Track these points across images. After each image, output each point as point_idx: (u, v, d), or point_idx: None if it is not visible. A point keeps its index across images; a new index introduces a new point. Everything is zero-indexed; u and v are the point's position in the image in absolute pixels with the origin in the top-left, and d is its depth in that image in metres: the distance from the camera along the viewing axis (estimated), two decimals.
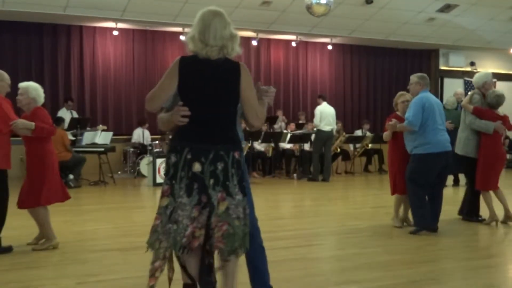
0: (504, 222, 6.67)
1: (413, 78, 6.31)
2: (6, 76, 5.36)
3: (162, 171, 10.85)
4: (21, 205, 5.30)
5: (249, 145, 12.21)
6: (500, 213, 6.66)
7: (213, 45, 3.08)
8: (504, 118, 6.65)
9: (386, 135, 6.52)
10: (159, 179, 10.77)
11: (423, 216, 5.98)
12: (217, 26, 3.10)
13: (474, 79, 6.94)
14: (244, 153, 9.22)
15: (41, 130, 5.14)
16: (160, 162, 10.82)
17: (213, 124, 3.12)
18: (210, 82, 3.10)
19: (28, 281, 4.22)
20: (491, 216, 6.62)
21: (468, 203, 6.90)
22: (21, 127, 5.05)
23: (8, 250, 5.16)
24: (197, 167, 3.05)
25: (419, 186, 5.98)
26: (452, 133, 7.13)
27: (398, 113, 6.51)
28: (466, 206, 6.95)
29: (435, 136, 5.98)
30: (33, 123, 5.10)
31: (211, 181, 3.06)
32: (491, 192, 6.66)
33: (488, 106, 6.65)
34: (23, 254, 5.08)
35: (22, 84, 5.41)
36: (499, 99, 6.62)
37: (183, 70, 3.09)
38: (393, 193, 6.49)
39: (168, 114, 3.19)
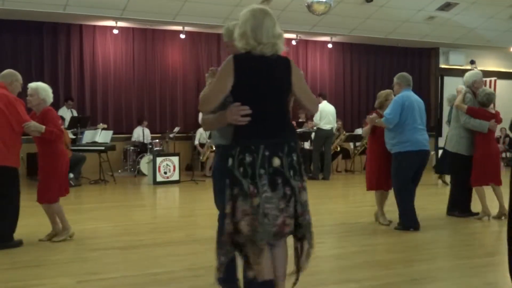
0: (498, 217, 6.77)
1: (395, 78, 6.45)
2: (19, 76, 5.56)
3: (163, 170, 10.86)
4: (38, 200, 5.55)
5: None
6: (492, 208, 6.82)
7: (266, 43, 3.12)
8: (495, 115, 6.76)
9: (365, 130, 6.66)
10: (159, 178, 10.78)
11: (409, 215, 6.08)
12: (268, 25, 3.14)
13: (464, 78, 7.05)
14: None
15: (50, 134, 5.34)
16: (160, 161, 10.82)
17: (276, 119, 3.18)
18: (267, 78, 3.15)
19: (28, 280, 4.22)
20: (484, 210, 6.72)
21: (452, 198, 7.01)
22: (32, 129, 5.25)
23: (18, 244, 5.30)
24: (276, 162, 3.08)
25: (402, 184, 6.09)
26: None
27: (379, 111, 6.60)
28: (449, 202, 7.07)
29: (414, 135, 6.07)
30: (43, 127, 5.29)
31: (291, 172, 3.12)
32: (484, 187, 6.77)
33: (479, 104, 6.75)
34: (23, 253, 5.09)
35: (32, 85, 5.56)
36: (490, 97, 6.75)
37: (238, 68, 3.10)
38: (368, 189, 6.60)
39: (217, 114, 3.21)
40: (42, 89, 5.52)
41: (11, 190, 5.33)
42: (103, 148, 10.94)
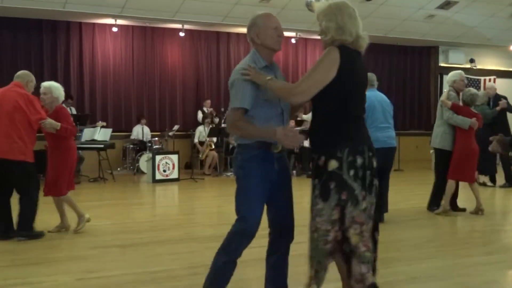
0: (475, 213, 7.00)
1: None
2: (33, 77, 5.91)
3: (162, 168, 10.85)
4: (47, 193, 5.82)
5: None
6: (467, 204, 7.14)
7: (364, 37, 3.02)
8: (477, 116, 6.98)
9: None
10: (159, 176, 10.78)
11: None
12: (359, 17, 3.03)
13: (447, 77, 7.38)
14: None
15: (65, 131, 5.66)
16: (160, 159, 10.81)
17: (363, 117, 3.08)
18: (362, 74, 3.06)
19: (28, 278, 4.22)
20: (444, 206, 6.95)
21: (433, 194, 7.24)
22: (48, 126, 5.53)
23: (40, 235, 5.58)
24: (375, 163, 2.99)
25: None
26: (480, 130, 7.26)
27: None
28: (431, 196, 7.30)
29: (374, 134, 6.24)
30: (59, 124, 5.59)
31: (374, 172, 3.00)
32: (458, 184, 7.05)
33: (463, 103, 7.04)
34: (23, 251, 5.09)
35: (45, 84, 5.91)
36: (473, 98, 7.08)
37: (344, 62, 2.90)
38: None
39: (262, 130, 2.98)
40: (55, 87, 5.86)
41: (31, 184, 5.60)
42: (102, 146, 10.92)
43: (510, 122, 10.29)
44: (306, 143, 12.98)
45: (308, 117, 12.33)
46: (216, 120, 13.21)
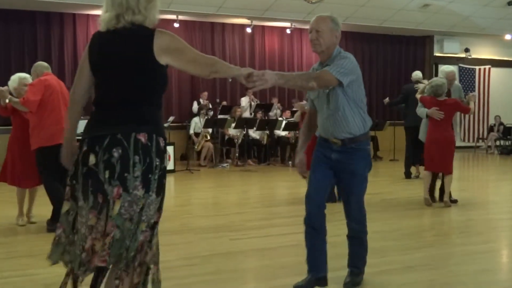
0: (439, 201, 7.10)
1: None
2: None
3: None
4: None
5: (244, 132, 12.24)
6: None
7: None
8: (442, 102, 6.79)
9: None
10: None
11: None
12: None
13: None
14: (239, 140, 9.37)
15: None
16: None
17: None
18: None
19: (23, 270, 4.21)
20: (425, 196, 7.00)
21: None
22: None
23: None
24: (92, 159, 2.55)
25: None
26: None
27: None
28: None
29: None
30: None
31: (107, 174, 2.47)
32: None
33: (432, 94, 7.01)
34: (18, 243, 5.08)
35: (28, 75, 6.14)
36: (435, 89, 6.85)
37: None
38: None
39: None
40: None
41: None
42: None
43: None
44: None
45: None
46: (211, 113, 13.17)
